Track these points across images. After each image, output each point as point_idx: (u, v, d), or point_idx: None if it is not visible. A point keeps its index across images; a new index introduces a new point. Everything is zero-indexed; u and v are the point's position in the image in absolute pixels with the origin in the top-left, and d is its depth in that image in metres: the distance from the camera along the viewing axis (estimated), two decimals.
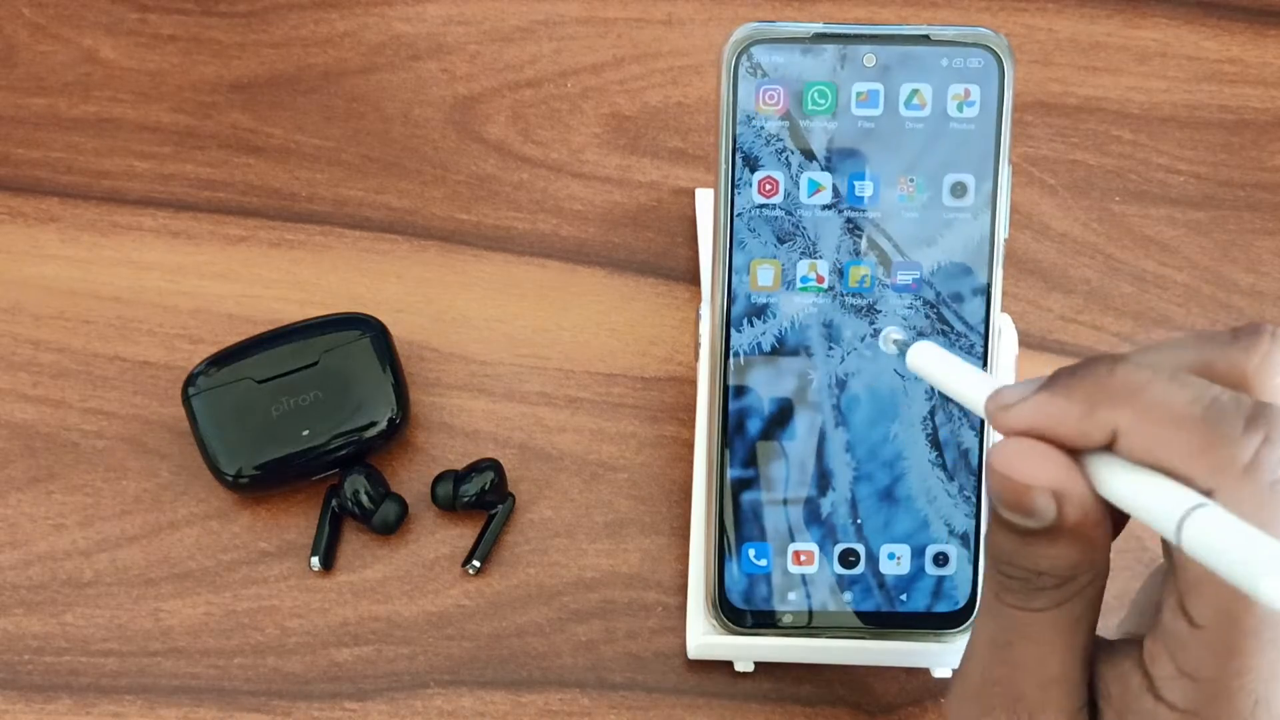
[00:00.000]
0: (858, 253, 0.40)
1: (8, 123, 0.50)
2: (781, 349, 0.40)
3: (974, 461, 0.40)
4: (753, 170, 0.39)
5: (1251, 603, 0.25)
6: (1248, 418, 0.25)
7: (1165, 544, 0.27)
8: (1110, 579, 0.30)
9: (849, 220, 0.39)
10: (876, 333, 0.40)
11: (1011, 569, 0.29)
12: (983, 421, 0.40)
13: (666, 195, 0.49)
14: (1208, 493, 0.25)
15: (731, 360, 0.40)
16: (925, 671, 0.42)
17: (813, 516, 0.41)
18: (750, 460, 0.40)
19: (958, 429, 0.40)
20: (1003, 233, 0.40)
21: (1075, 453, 0.27)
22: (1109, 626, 0.35)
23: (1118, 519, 0.29)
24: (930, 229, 0.39)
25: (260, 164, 0.49)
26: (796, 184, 0.39)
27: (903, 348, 0.39)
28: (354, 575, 0.44)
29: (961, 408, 0.40)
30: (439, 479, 0.44)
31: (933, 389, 0.40)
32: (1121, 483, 0.26)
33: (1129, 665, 0.29)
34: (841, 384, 0.40)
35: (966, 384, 0.32)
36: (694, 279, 0.48)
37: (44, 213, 0.48)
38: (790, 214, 0.39)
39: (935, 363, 0.34)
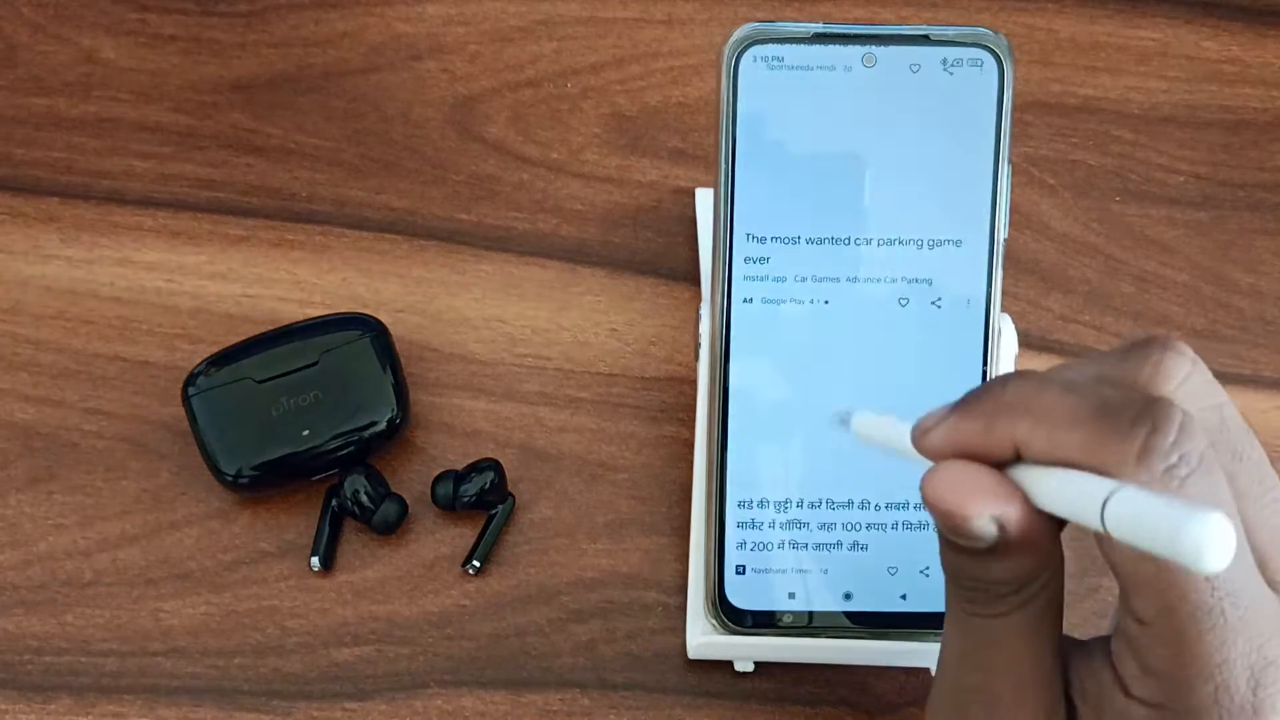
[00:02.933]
0: (858, 256, 0.40)
1: (8, 123, 0.50)
2: (781, 348, 0.40)
3: None
4: (752, 170, 0.39)
5: (1183, 592, 0.26)
6: (1135, 412, 0.26)
7: (1102, 548, 0.28)
8: (1080, 578, 0.30)
9: (849, 219, 0.39)
10: (876, 329, 0.40)
11: (968, 581, 0.30)
12: None
13: (666, 195, 0.49)
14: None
15: (731, 360, 0.40)
16: (925, 671, 0.42)
17: (813, 516, 0.41)
18: (750, 460, 0.40)
19: None
20: (1003, 233, 0.40)
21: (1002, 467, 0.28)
22: (1102, 626, 0.35)
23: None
24: (930, 229, 0.39)
25: (260, 164, 0.49)
26: (796, 183, 0.39)
27: (842, 426, 0.37)
28: (354, 575, 0.44)
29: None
30: (439, 479, 0.44)
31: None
32: (1043, 488, 0.27)
33: (1100, 663, 0.29)
34: (843, 380, 0.40)
35: (896, 433, 0.32)
36: (694, 279, 0.48)
37: (44, 213, 0.48)
38: (790, 213, 0.39)
39: (870, 426, 0.33)
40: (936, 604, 0.41)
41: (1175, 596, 0.26)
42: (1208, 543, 0.22)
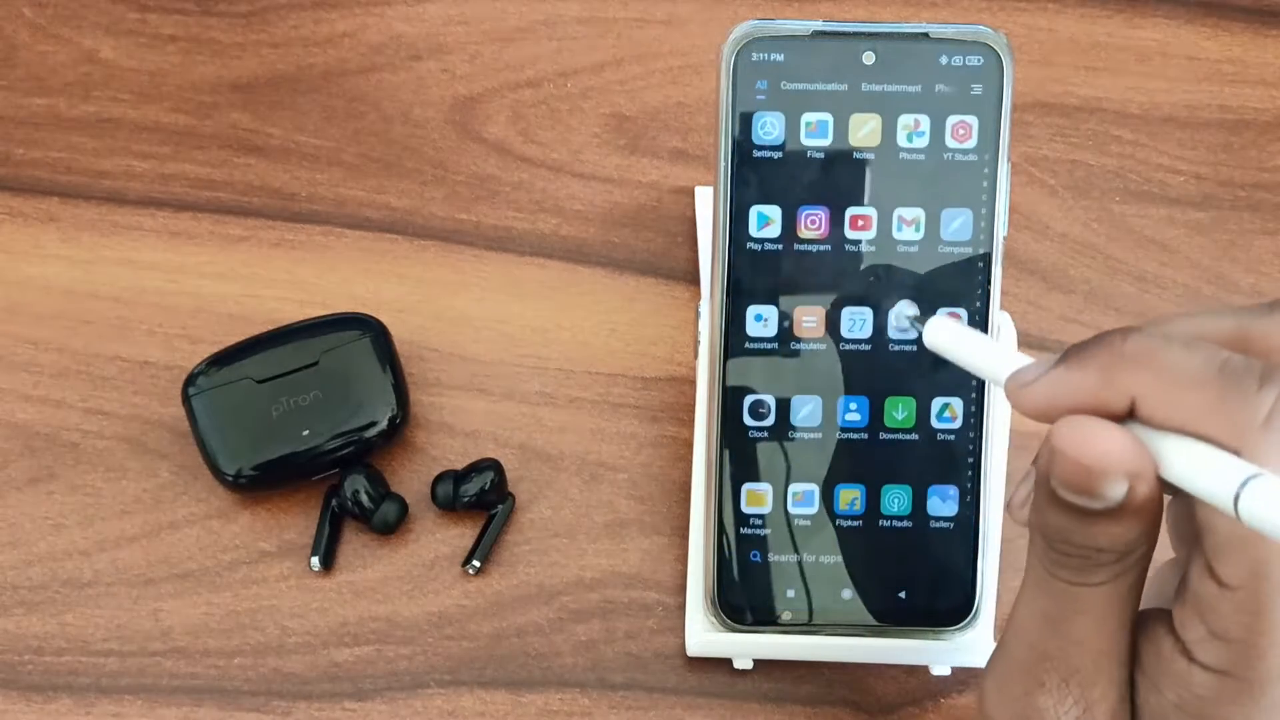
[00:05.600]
0: (858, 255, 0.40)
1: (8, 123, 0.50)
2: (781, 346, 0.40)
3: (971, 458, 0.40)
4: (751, 169, 0.39)
5: (1278, 560, 0.26)
6: (1261, 376, 0.25)
7: (1190, 511, 0.28)
8: None
9: (849, 218, 0.39)
10: (879, 329, 0.40)
11: (1068, 546, 0.29)
12: (980, 413, 0.40)
13: (666, 195, 0.49)
14: (1232, 451, 0.25)
15: (731, 359, 0.40)
16: (925, 671, 0.42)
17: (811, 514, 0.41)
18: (749, 458, 0.40)
19: (955, 428, 0.40)
20: (1002, 232, 0.39)
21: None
22: None
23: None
24: (930, 227, 0.39)
25: (260, 164, 0.49)
26: (796, 182, 0.39)
27: (916, 323, 0.39)
28: (354, 575, 0.44)
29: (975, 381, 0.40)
30: (439, 479, 0.44)
31: (935, 376, 0.40)
32: (1175, 458, 0.26)
33: (1161, 632, 0.29)
34: (842, 382, 0.40)
35: (986, 360, 0.32)
36: (694, 279, 0.48)
37: (44, 213, 0.48)
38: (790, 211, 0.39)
39: (953, 339, 0.35)
40: (936, 601, 0.41)
41: (1271, 565, 0.26)
42: None
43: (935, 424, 0.40)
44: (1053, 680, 0.30)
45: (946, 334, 0.35)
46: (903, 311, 0.40)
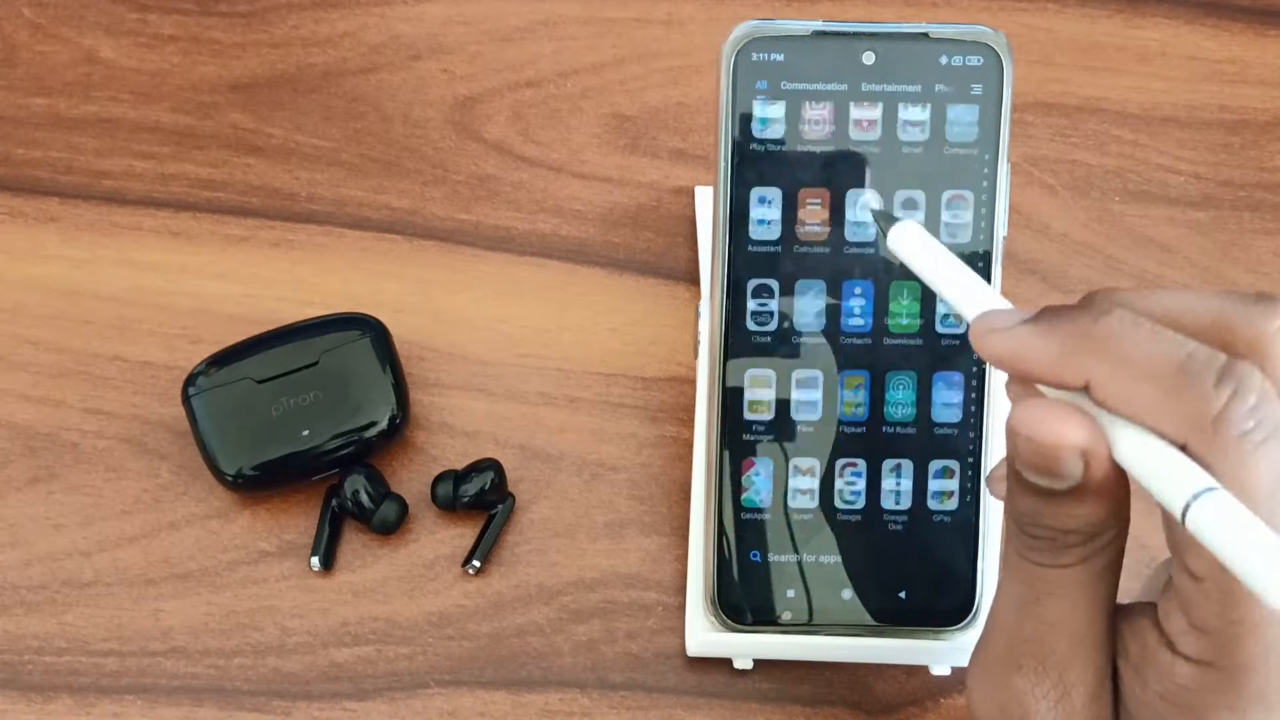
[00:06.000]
0: (858, 255, 0.40)
1: (8, 123, 0.50)
2: (781, 346, 0.40)
3: (972, 457, 0.40)
4: (751, 168, 0.39)
5: None
6: (1219, 372, 0.26)
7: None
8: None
9: (848, 218, 0.39)
10: (879, 327, 0.40)
11: (1037, 529, 0.29)
12: (980, 411, 0.40)
13: (666, 195, 0.49)
14: (1179, 446, 0.26)
15: (731, 359, 0.40)
16: (925, 671, 0.42)
17: (811, 514, 0.41)
18: (749, 458, 0.40)
19: (955, 423, 0.40)
20: (1002, 232, 0.40)
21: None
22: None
23: None
24: (930, 228, 0.39)
25: (260, 164, 0.49)
26: (795, 182, 0.39)
27: (879, 220, 0.35)
28: (354, 575, 0.44)
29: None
30: (439, 479, 0.44)
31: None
32: (1134, 453, 0.27)
33: (1146, 624, 0.30)
34: (842, 382, 0.40)
35: (954, 286, 0.31)
36: (694, 279, 0.48)
37: (44, 213, 0.48)
38: (790, 209, 0.39)
39: (921, 251, 0.32)
40: (936, 601, 0.41)
41: None
42: None
43: (935, 423, 0.40)
44: (1029, 663, 0.31)
45: (912, 242, 0.32)
46: (866, 203, 0.38)
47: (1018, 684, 0.31)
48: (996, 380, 0.40)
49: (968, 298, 0.31)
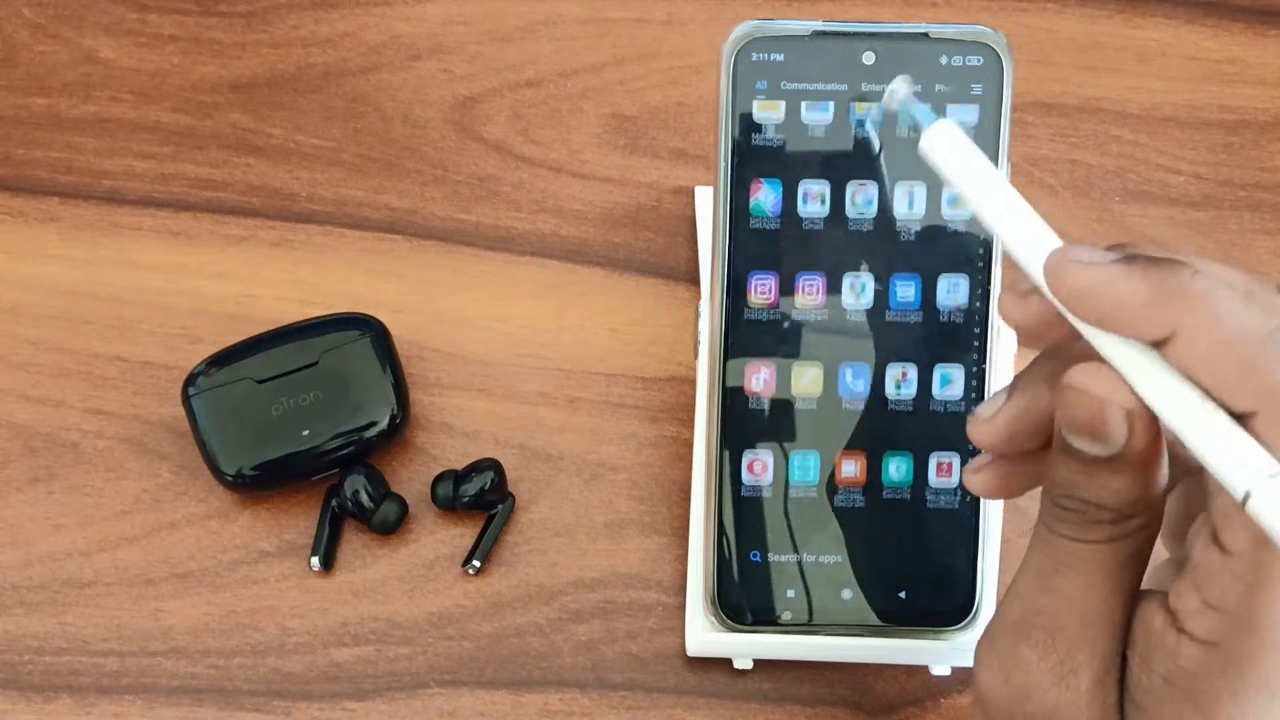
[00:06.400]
0: (858, 255, 0.40)
1: (8, 123, 0.50)
2: (781, 345, 0.40)
3: (972, 448, 0.40)
4: (751, 168, 0.39)
5: None
6: None
7: (1187, 507, 0.28)
8: None
9: (848, 218, 0.39)
10: (877, 331, 0.40)
11: (1070, 501, 0.30)
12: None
13: (666, 195, 0.49)
14: (1248, 414, 0.26)
15: (731, 359, 0.40)
16: (925, 671, 0.42)
17: (812, 514, 0.41)
18: (749, 458, 0.40)
19: (956, 418, 0.40)
20: None
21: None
22: None
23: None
24: (930, 227, 0.39)
25: (260, 164, 0.49)
26: (795, 183, 0.39)
27: (910, 111, 0.31)
28: (354, 575, 0.44)
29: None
30: (439, 479, 0.44)
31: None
32: (1197, 427, 0.26)
33: (1154, 607, 0.30)
34: (842, 381, 0.40)
35: (1007, 215, 0.28)
36: (694, 279, 0.48)
37: (44, 213, 0.48)
38: (790, 210, 0.39)
39: (962, 160, 0.29)
40: (936, 601, 0.41)
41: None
42: None
43: (936, 415, 0.40)
44: (1038, 635, 0.31)
45: (950, 147, 0.29)
46: (893, 92, 0.33)
47: (1024, 653, 0.31)
48: (997, 373, 0.40)
49: (1027, 234, 0.29)
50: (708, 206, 0.41)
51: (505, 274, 0.48)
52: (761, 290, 0.40)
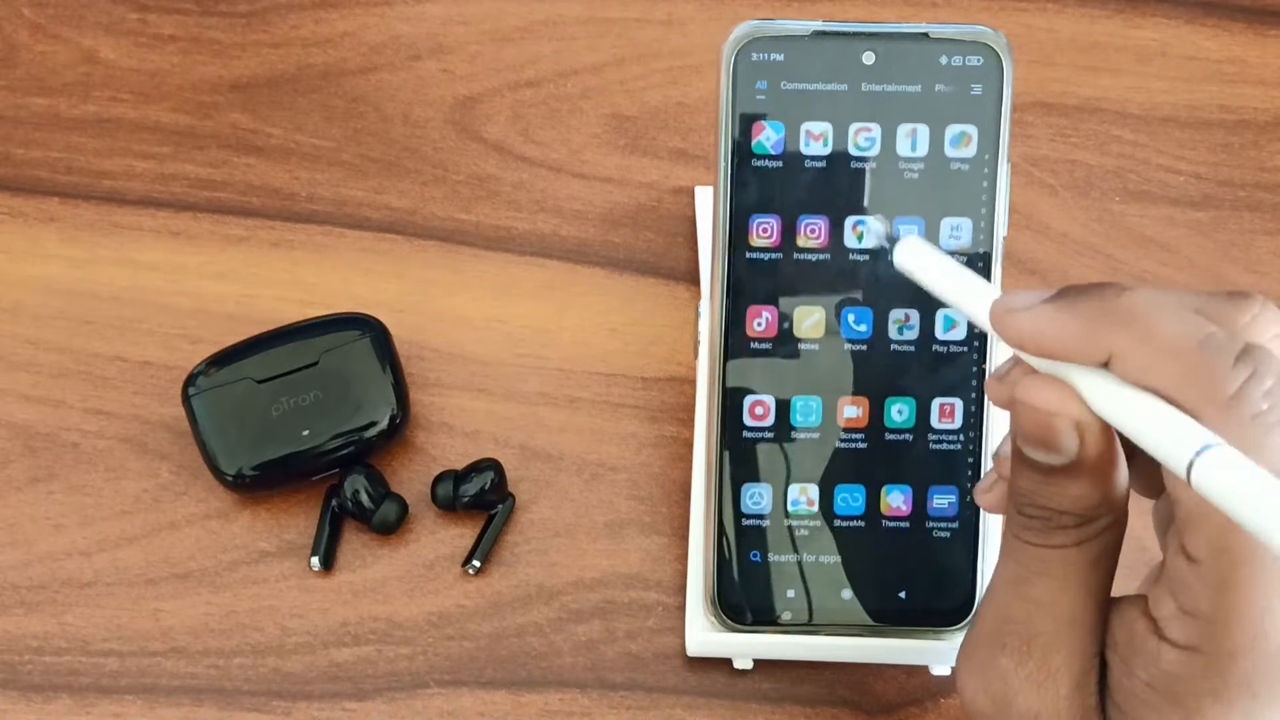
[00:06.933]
0: (858, 255, 0.40)
1: (8, 123, 0.50)
2: (781, 347, 0.40)
3: (971, 458, 0.40)
4: (751, 168, 0.39)
5: (1240, 533, 0.26)
6: (1238, 354, 0.27)
7: (1168, 481, 0.29)
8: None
9: (849, 218, 0.39)
10: (879, 329, 0.40)
11: (1032, 509, 0.30)
12: (980, 413, 0.40)
13: (666, 195, 0.49)
14: (1194, 418, 0.27)
15: (731, 360, 0.40)
16: (925, 672, 0.42)
17: (811, 514, 0.41)
18: (749, 458, 0.40)
19: (955, 428, 0.40)
20: (1002, 232, 0.40)
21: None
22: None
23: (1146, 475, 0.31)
24: (930, 228, 0.39)
25: (260, 164, 0.49)
26: (796, 181, 0.39)
27: (885, 242, 0.36)
28: (354, 575, 0.44)
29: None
30: (439, 479, 0.44)
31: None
32: (1137, 416, 0.27)
33: (1135, 613, 0.30)
34: (841, 383, 0.40)
35: (964, 289, 0.32)
36: (694, 279, 0.48)
37: (44, 213, 0.48)
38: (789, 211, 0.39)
39: (928, 262, 0.33)
40: (936, 601, 0.41)
41: (1232, 538, 0.27)
42: None
43: (935, 424, 0.40)
44: (1014, 642, 0.31)
45: (918, 256, 0.33)
46: (874, 228, 0.39)
47: (1002, 663, 0.31)
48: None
49: (978, 294, 0.31)
50: (708, 206, 0.41)
51: (505, 274, 0.48)
52: (762, 290, 0.40)
